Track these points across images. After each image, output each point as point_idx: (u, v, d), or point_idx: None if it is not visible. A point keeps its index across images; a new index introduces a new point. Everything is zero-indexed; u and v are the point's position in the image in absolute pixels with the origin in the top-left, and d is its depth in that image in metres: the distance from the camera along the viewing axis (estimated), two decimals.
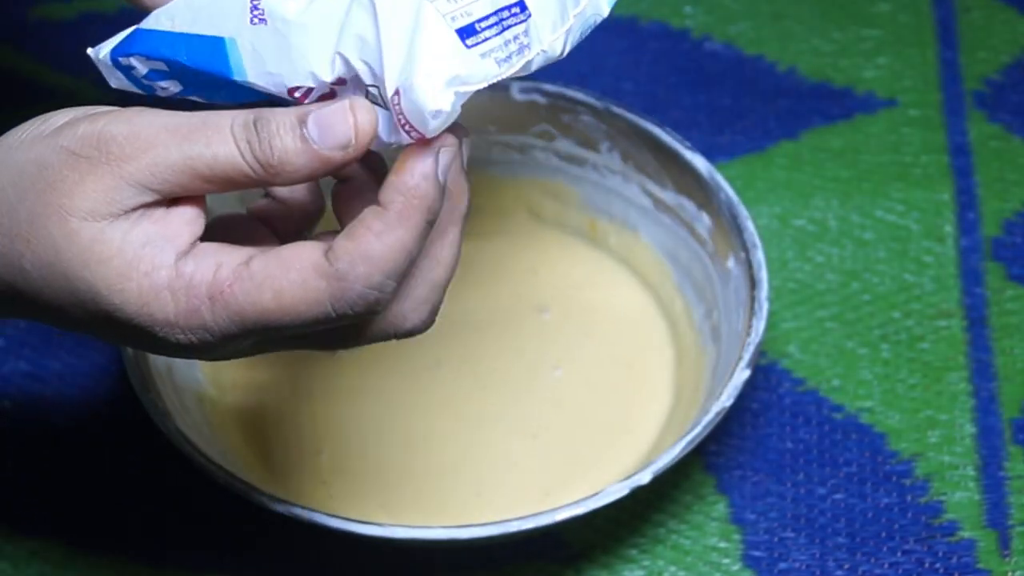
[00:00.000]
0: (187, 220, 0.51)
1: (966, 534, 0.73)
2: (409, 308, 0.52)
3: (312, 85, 0.51)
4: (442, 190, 0.50)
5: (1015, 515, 0.73)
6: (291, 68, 0.51)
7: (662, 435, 0.74)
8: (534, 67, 0.53)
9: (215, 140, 0.50)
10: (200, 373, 0.75)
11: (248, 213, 0.56)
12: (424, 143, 0.50)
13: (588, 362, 0.77)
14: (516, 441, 0.75)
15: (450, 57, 0.49)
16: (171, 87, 0.54)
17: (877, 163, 0.86)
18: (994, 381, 0.77)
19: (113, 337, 0.52)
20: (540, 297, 0.79)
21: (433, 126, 0.49)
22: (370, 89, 0.51)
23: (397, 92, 0.49)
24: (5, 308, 0.54)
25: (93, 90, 0.89)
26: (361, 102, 0.50)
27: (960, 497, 0.74)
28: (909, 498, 0.74)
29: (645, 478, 0.66)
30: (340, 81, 0.51)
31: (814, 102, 0.89)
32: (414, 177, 0.49)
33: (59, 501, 0.75)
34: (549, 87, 0.77)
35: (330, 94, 0.51)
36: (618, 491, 0.66)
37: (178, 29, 0.52)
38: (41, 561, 0.73)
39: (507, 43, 0.51)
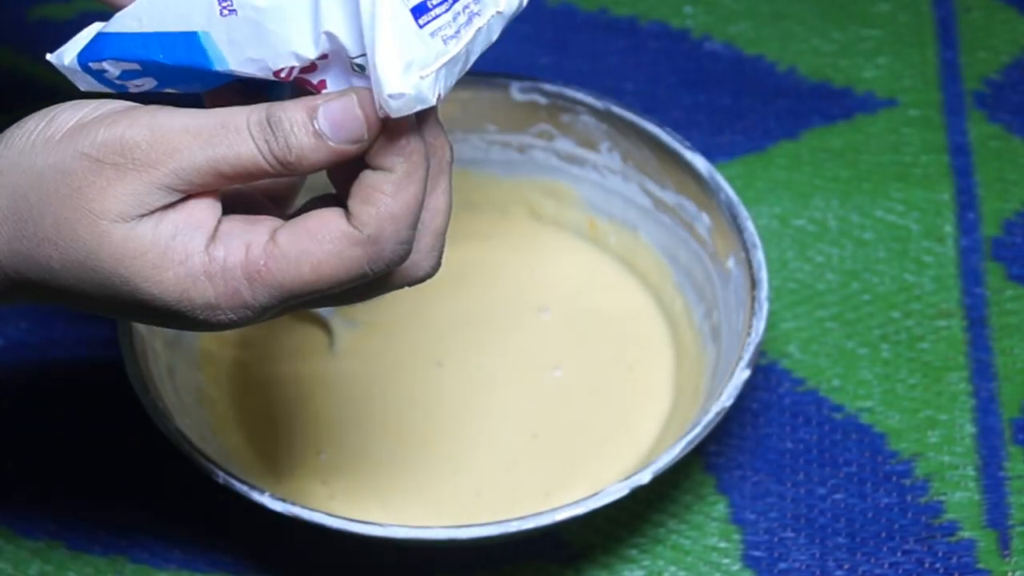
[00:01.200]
0: (209, 206, 0.53)
1: (966, 534, 0.73)
2: (421, 258, 0.55)
3: (296, 64, 0.52)
4: (423, 138, 0.53)
5: (1015, 515, 0.73)
6: (273, 52, 0.52)
7: (662, 435, 0.74)
8: (495, 34, 0.53)
9: (236, 141, 0.52)
10: (200, 373, 0.75)
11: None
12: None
13: (588, 362, 0.77)
14: (516, 441, 0.75)
15: (405, 38, 0.50)
16: (145, 84, 0.54)
17: (877, 163, 0.86)
18: (994, 381, 0.77)
19: (148, 321, 0.55)
20: (540, 297, 0.79)
21: (395, 107, 0.50)
22: (358, 60, 0.51)
23: (368, 69, 0.50)
24: (31, 298, 0.55)
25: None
26: (365, 94, 0.51)
27: (960, 497, 0.74)
28: (909, 498, 0.74)
29: (645, 478, 0.66)
30: (323, 56, 0.51)
31: (814, 102, 0.89)
32: (405, 138, 0.52)
33: (59, 501, 0.75)
34: (549, 87, 0.77)
35: (310, 67, 0.52)
36: (618, 491, 0.66)
37: (148, 29, 0.53)
38: (41, 561, 0.73)
39: (456, 16, 0.51)
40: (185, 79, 0.54)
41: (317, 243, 0.52)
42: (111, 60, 0.54)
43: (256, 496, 0.66)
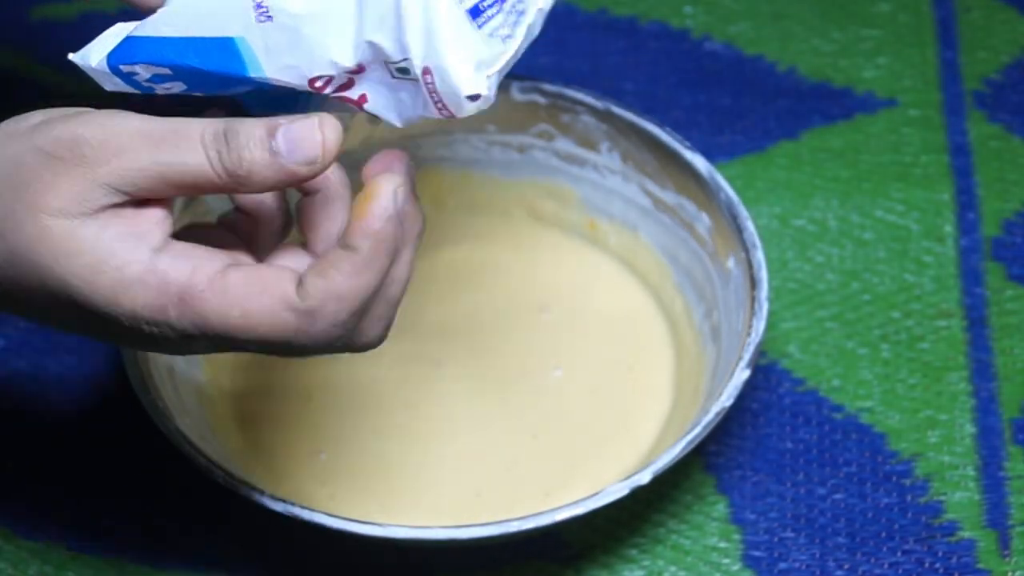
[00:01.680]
0: (156, 220, 0.53)
1: (966, 534, 0.73)
2: (367, 325, 0.55)
3: (333, 73, 0.52)
4: (400, 225, 0.53)
5: (1015, 515, 0.73)
6: (309, 59, 0.52)
7: (662, 435, 0.74)
8: (536, 30, 0.53)
9: (185, 148, 0.51)
10: (200, 373, 0.75)
11: (218, 222, 0.58)
12: (381, 178, 0.52)
13: (588, 362, 0.77)
14: (516, 441, 0.75)
15: (469, 40, 0.50)
16: (174, 87, 0.55)
17: (877, 163, 0.86)
18: (994, 381, 0.77)
19: (79, 328, 0.54)
20: (540, 297, 0.79)
21: (469, 108, 0.51)
22: (400, 64, 0.51)
23: (428, 71, 0.50)
24: None
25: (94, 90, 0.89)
26: (329, 119, 0.51)
27: (960, 497, 0.74)
28: (909, 498, 0.74)
29: (645, 478, 0.66)
30: (359, 68, 0.51)
31: (814, 102, 0.89)
32: (378, 220, 0.52)
33: (59, 502, 0.75)
34: (549, 87, 0.77)
35: (347, 83, 0.52)
36: (618, 491, 0.66)
37: (182, 34, 0.53)
38: (41, 562, 0.73)
39: (507, 15, 0.51)
40: (218, 84, 0.54)
41: (259, 293, 0.52)
42: (143, 64, 0.54)
43: (256, 496, 0.66)
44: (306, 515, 0.65)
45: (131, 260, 0.52)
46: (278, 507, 0.65)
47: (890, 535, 0.73)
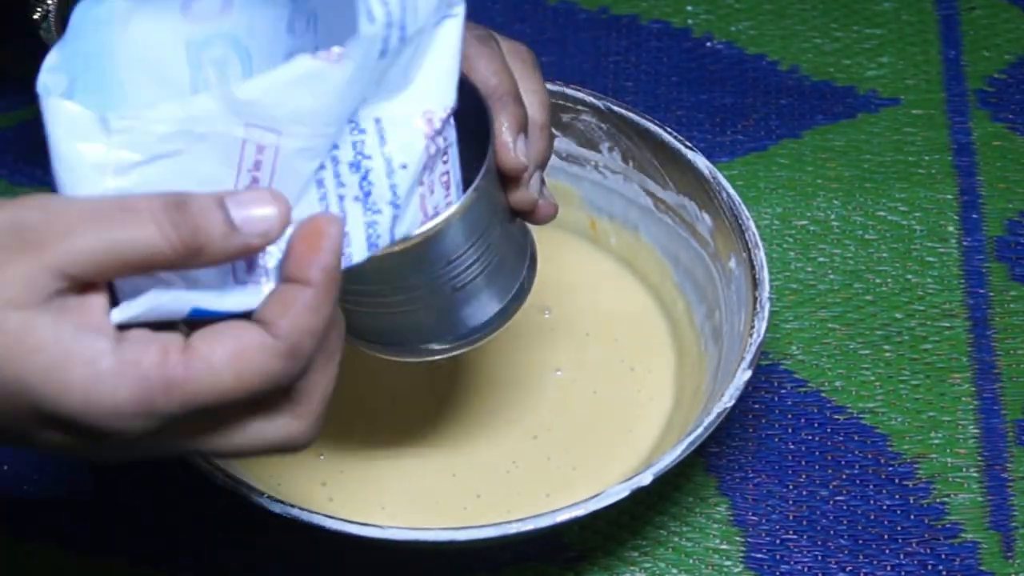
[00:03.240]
0: (104, 308, 0.49)
1: (969, 536, 0.72)
2: (306, 426, 0.54)
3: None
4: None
5: (1018, 517, 0.73)
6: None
7: (663, 436, 0.74)
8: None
9: (134, 223, 0.48)
10: None
11: None
12: (324, 218, 0.52)
13: (589, 362, 0.77)
14: (516, 442, 0.75)
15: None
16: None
17: (880, 162, 0.86)
18: (997, 382, 0.77)
19: (45, 441, 0.50)
20: (540, 297, 0.79)
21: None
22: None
23: None
24: None
25: None
26: (277, 192, 0.51)
27: (963, 499, 0.74)
28: (912, 500, 0.74)
29: (646, 479, 0.66)
30: None
31: (816, 101, 0.88)
32: (328, 254, 0.51)
33: (57, 503, 0.75)
34: (549, 86, 0.77)
35: None
36: (619, 493, 0.65)
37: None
38: (39, 564, 0.73)
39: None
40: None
41: (243, 350, 0.49)
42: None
43: (255, 498, 0.65)
44: (305, 516, 0.65)
45: (99, 353, 0.48)
46: (277, 508, 0.65)
47: (892, 537, 0.73)
